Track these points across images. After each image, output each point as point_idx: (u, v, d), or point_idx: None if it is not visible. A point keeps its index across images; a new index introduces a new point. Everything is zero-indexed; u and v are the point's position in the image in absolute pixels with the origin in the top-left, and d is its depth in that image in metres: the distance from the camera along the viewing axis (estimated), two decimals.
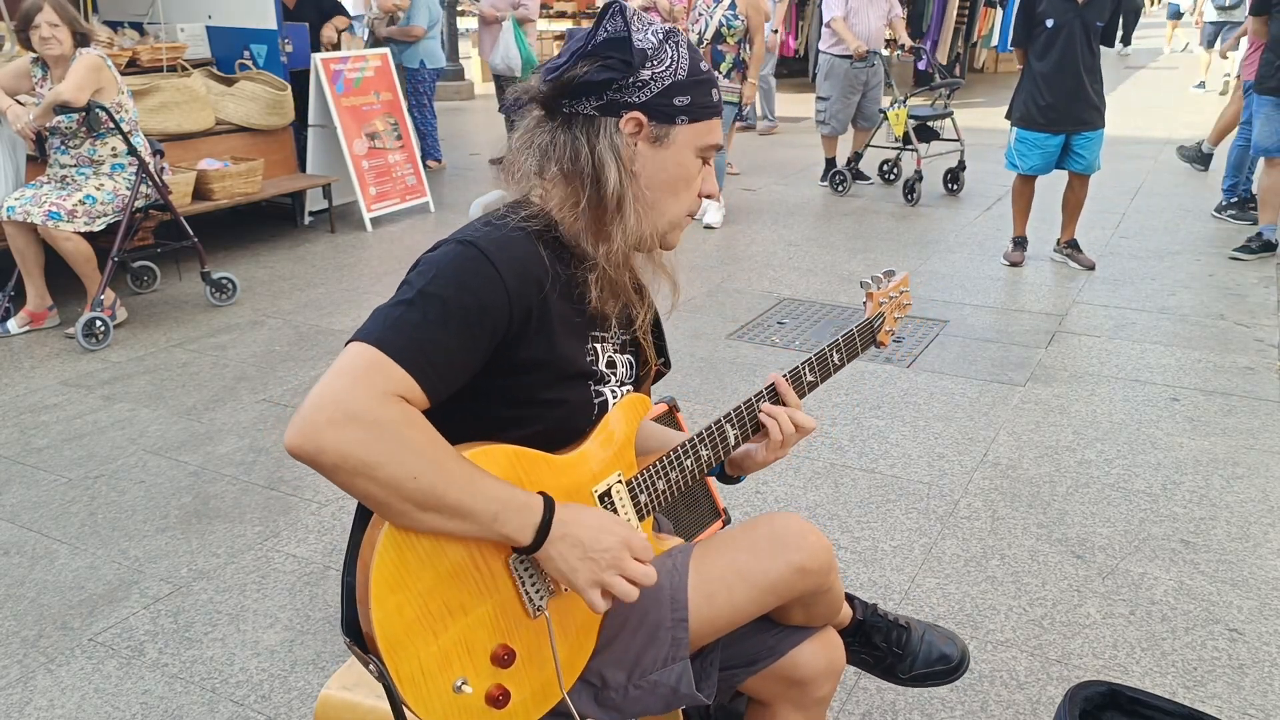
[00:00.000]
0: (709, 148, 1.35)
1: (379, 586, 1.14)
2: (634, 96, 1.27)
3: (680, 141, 1.31)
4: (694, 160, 1.34)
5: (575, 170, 1.28)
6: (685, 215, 1.38)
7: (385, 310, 1.17)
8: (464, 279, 1.18)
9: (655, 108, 1.28)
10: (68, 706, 2.19)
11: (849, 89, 7.08)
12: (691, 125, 1.31)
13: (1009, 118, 5.39)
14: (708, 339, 4.41)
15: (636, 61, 1.26)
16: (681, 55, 1.29)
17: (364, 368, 1.10)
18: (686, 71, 1.29)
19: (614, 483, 1.36)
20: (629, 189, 1.29)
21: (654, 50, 1.27)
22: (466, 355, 1.18)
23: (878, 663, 1.71)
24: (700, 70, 1.31)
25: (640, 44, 1.27)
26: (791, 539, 1.40)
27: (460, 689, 1.20)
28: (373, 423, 1.07)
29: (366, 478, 1.08)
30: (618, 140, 1.28)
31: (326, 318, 4.74)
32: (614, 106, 1.27)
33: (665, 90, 1.28)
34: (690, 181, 1.35)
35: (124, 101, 4.40)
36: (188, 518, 2.97)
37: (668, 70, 1.28)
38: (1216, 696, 2.20)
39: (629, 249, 1.32)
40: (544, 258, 1.25)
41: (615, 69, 1.26)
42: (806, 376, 1.54)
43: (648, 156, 1.30)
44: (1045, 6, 5.02)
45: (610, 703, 1.36)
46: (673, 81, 1.28)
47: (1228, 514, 2.95)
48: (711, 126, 1.34)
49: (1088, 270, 5.36)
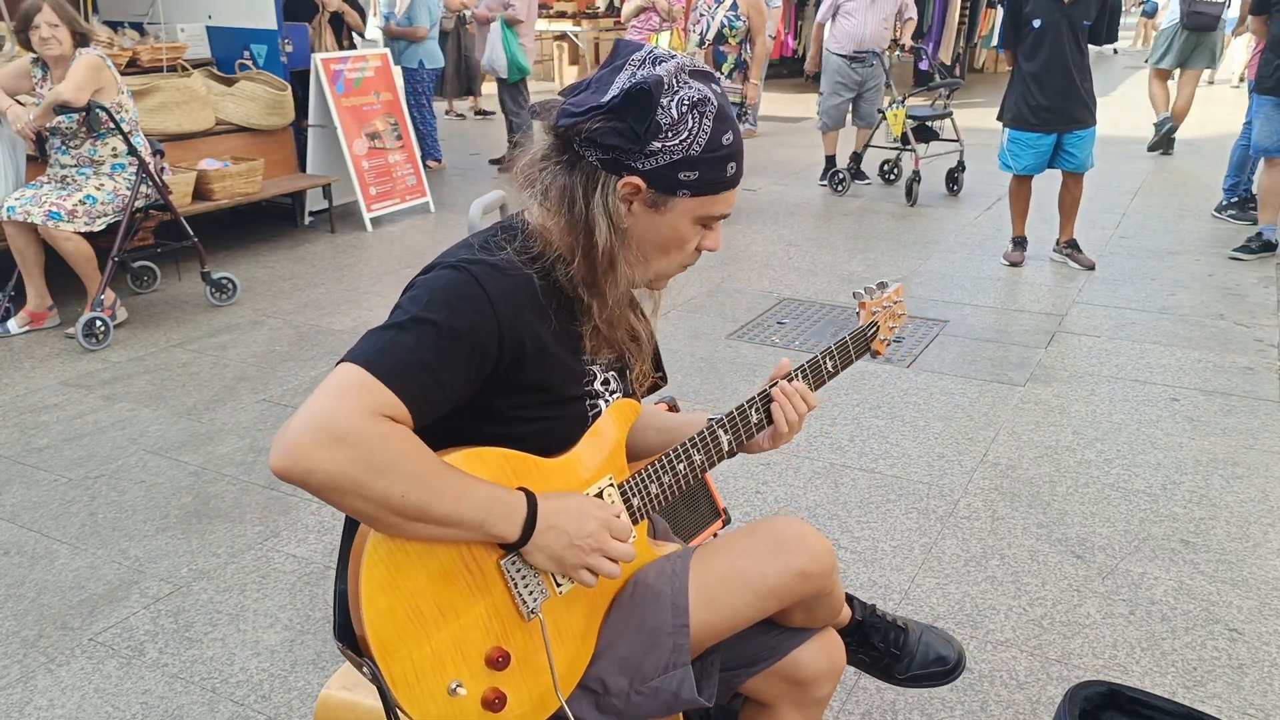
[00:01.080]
0: (712, 217, 1.33)
1: (369, 587, 1.14)
2: (639, 163, 1.25)
3: (679, 210, 1.29)
4: (690, 227, 1.32)
5: (571, 218, 1.28)
6: (679, 269, 1.37)
7: (376, 333, 1.17)
8: (457, 305, 1.18)
9: (658, 177, 1.26)
10: (68, 706, 2.19)
11: (841, 85, 7.18)
12: (694, 199, 1.28)
13: (1000, 119, 5.41)
14: (708, 339, 4.41)
15: (648, 135, 1.23)
16: (703, 129, 1.25)
17: (351, 388, 1.11)
18: (702, 147, 1.25)
19: (605, 486, 1.36)
20: (619, 250, 1.28)
21: (671, 124, 1.23)
22: (455, 381, 1.18)
23: (875, 663, 1.72)
24: (720, 145, 1.26)
25: (660, 116, 1.23)
26: (792, 543, 1.40)
27: (455, 692, 1.20)
28: (359, 442, 1.08)
29: (356, 495, 1.09)
30: (611, 200, 1.26)
31: (326, 318, 4.74)
32: (617, 166, 1.26)
33: (672, 164, 1.25)
34: (684, 244, 1.34)
35: (124, 101, 4.40)
36: (188, 518, 2.97)
37: (680, 144, 1.24)
38: (1216, 696, 2.20)
39: (621, 305, 1.33)
40: (537, 286, 1.26)
41: (625, 135, 1.23)
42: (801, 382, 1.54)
43: (641, 217, 1.29)
44: (1031, 7, 5.03)
45: (611, 709, 1.36)
46: (683, 156, 1.25)
47: (1228, 514, 2.95)
48: (718, 200, 1.31)
49: (1088, 270, 5.36)
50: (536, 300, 1.26)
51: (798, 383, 1.51)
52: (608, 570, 1.26)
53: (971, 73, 14.21)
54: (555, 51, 13.73)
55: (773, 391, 1.49)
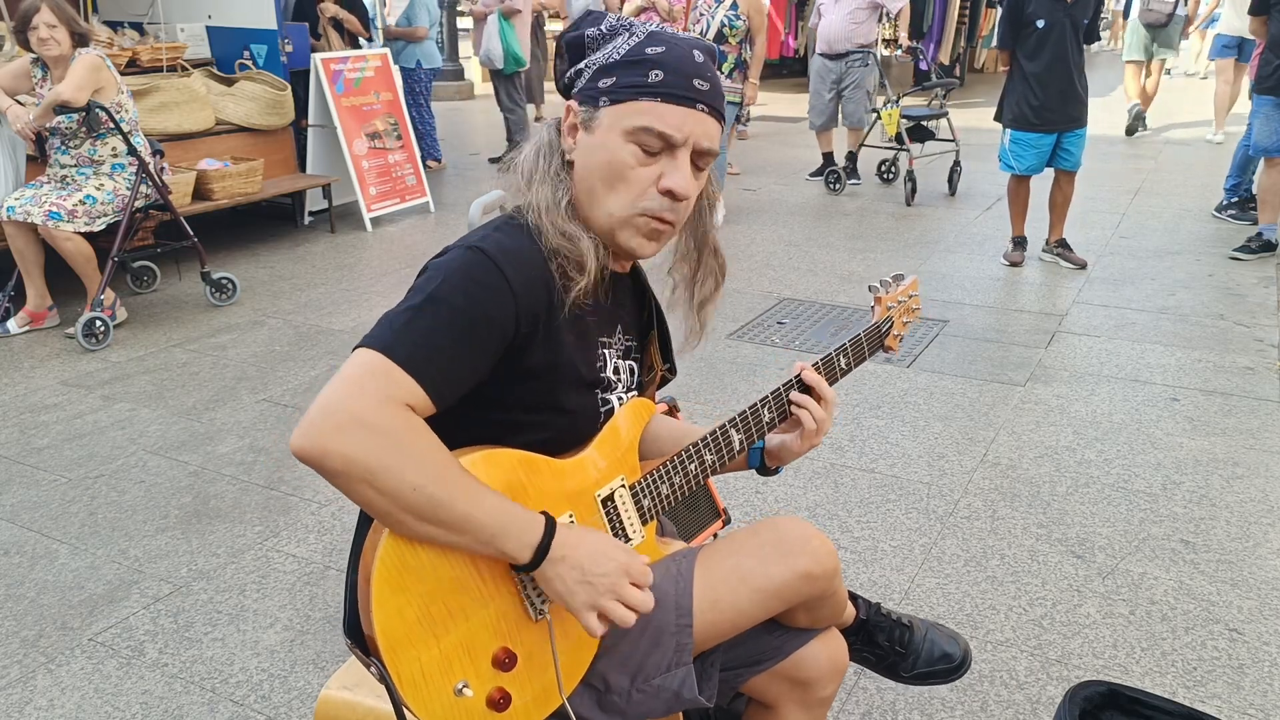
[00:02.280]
0: (640, 129, 1.22)
1: (380, 588, 1.14)
2: (575, 86, 1.29)
3: (605, 124, 1.25)
4: (623, 145, 1.23)
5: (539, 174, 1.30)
6: (634, 212, 1.26)
7: (392, 316, 1.17)
8: (471, 286, 1.18)
9: (583, 93, 1.28)
10: (68, 706, 2.19)
11: (821, 84, 7.28)
12: (614, 107, 1.23)
13: (998, 119, 5.40)
14: (708, 339, 4.40)
15: (577, 56, 1.26)
16: (629, 42, 1.25)
17: (370, 373, 1.11)
18: (622, 55, 1.24)
19: (617, 487, 1.36)
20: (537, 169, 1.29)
21: (597, 38, 1.26)
22: (473, 362, 1.18)
23: (880, 661, 1.71)
24: (643, 54, 1.23)
25: (590, 37, 1.27)
26: (796, 544, 1.39)
27: (461, 692, 1.20)
28: (377, 429, 1.07)
29: (369, 484, 1.08)
30: (550, 132, 1.29)
31: (326, 318, 4.74)
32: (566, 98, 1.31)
33: (593, 75, 1.26)
34: (623, 171, 1.24)
35: (124, 101, 4.40)
36: (188, 518, 2.97)
37: (602, 54, 1.26)
38: (1216, 696, 2.20)
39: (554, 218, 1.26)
40: (550, 265, 1.25)
41: (568, 62, 1.29)
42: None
43: (581, 145, 1.29)
44: (1034, 7, 5.03)
45: (613, 707, 1.36)
46: (602, 64, 1.25)
47: (1228, 514, 2.95)
48: (643, 109, 1.22)
49: (1080, 269, 5.36)
50: (549, 277, 1.25)
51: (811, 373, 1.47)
52: (620, 616, 1.19)
53: (971, 73, 14.21)
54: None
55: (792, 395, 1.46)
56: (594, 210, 1.28)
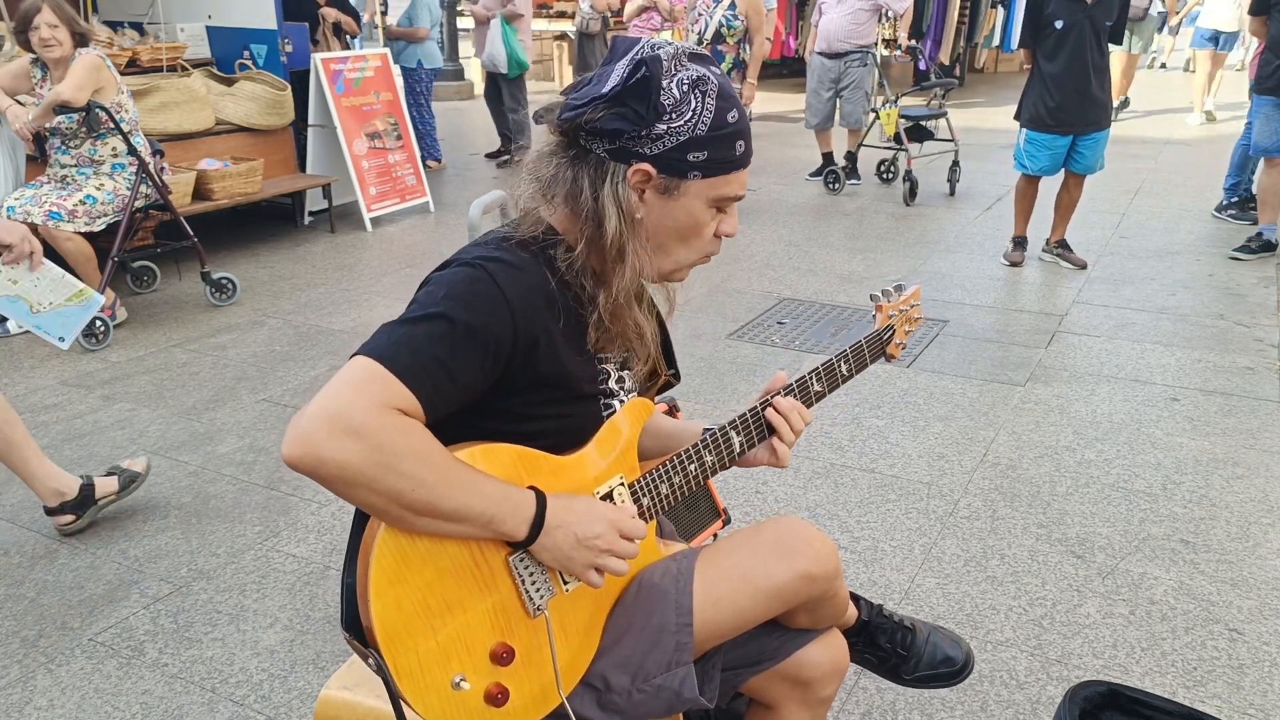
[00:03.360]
0: (726, 199, 1.31)
1: (378, 580, 1.14)
2: (647, 148, 1.24)
3: (691, 194, 1.28)
4: (705, 210, 1.30)
5: (578, 209, 1.27)
6: (700, 256, 1.36)
7: (391, 327, 1.17)
8: (471, 301, 1.18)
9: (667, 161, 1.25)
10: (68, 706, 2.19)
11: (819, 84, 7.26)
12: (705, 180, 1.27)
13: (1018, 118, 5.38)
14: (708, 339, 4.41)
15: (651, 117, 1.22)
16: (706, 107, 1.24)
17: (365, 381, 1.11)
18: (708, 126, 1.25)
19: (616, 485, 1.36)
20: (629, 240, 1.27)
21: (674, 104, 1.23)
22: (469, 377, 1.18)
23: (882, 663, 1.71)
24: (726, 123, 1.26)
25: (663, 97, 1.23)
26: (797, 545, 1.40)
27: (459, 685, 1.20)
28: (371, 434, 1.08)
29: (366, 488, 1.09)
30: (622, 189, 1.25)
31: (326, 318, 4.74)
32: (625, 154, 1.25)
33: (680, 145, 1.24)
34: (701, 229, 1.32)
35: (124, 101, 4.40)
36: (187, 518, 2.97)
37: (686, 125, 1.24)
38: (1216, 696, 2.20)
39: (628, 297, 1.31)
40: (551, 283, 1.26)
41: (629, 119, 1.23)
42: (814, 386, 1.54)
43: (655, 205, 1.29)
44: (1054, 7, 5.00)
45: (613, 706, 1.36)
46: (690, 137, 1.24)
47: (1228, 514, 2.95)
48: (730, 180, 1.30)
49: (1080, 269, 5.36)
50: (550, 296, 1.25)
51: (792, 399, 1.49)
52: (615, 568, 1.26)
53: (971, 73, 14.21)
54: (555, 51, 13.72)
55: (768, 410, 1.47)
56: (662, 261, 1.34)
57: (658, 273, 1.35)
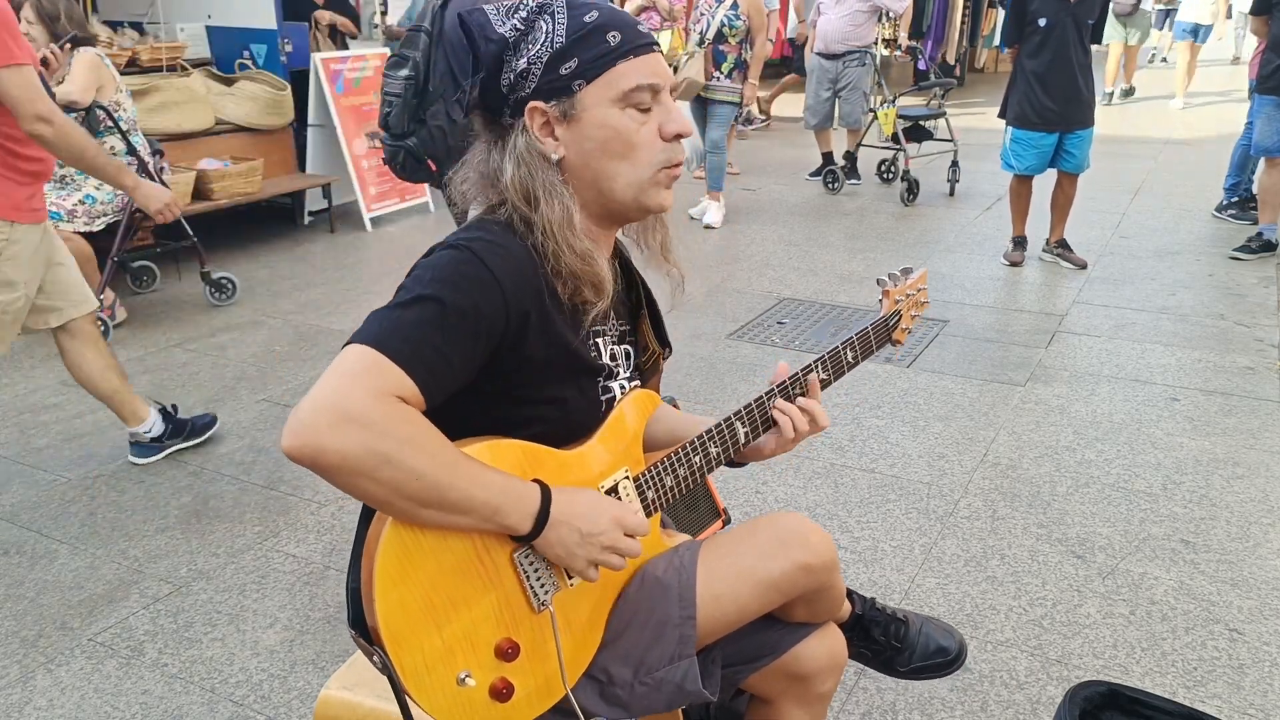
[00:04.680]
0: (633, 91, 1.25)
1: (383, 579, 1.14)
2: (524, 89, 1.25)
3: (590, 104, 1.25)
4: (620, 116, 1.26)
5: (496, 186, 1.29)
6: (656, 170, 1.29)
7: (382, 313, 1.17)
8: (460, 282, 1.18)
9: (546, 88, 1.25)
10: (67, 706, 2.19)
11: (818, 84, 7.27)
12: (592, 84, 1.24)
13: (1003, 117, 5.40)
14: (708, 339, 4.41)
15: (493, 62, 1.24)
16: (558, 22, 1.24)
17: (361, 369, 1.10)
18: (565, 35, 1.23)
19: (621, 478, 1.36)
20: (533, 183, 1.25)
21: (520, 35, 1.24)
22: (463, 357, 1.18)
23: (876, 656, 1.72)
24: (584, 24, 1.23)
25: (509, 37, 1.24)
26: (795, 538, 1.40)
27: (464, 682, 1.20)
28: (371, 423, 1.07)
29: (367, 478, 1.08)
30: (524, 140, 1.26)
31: (326, 318, 4.74)
32: (516, 106, 1.26)
33: (547, 66, 1.24)
34: (630, 138, 1.26)
35: (122, 100, 4.40)
36: (187, 518, 2.97)
37: (543, 48, 1.23)
38: (1216, 696, 2.20)
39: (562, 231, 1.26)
40: (536, 259, 1.25)
41: (491, 74, 1.24)
42: (820, 373, 1.53)
43: (568, 138, 1.27)
44: (1037, 5, 5.02)
45: (615, 699, 1.36)
46: (551, 54, 1.23)
47: (1228, 514, 2.95)
48: (623, 72, 1.24)
49: (1080, 269, 5.36)
50: (535, 267, 1.25)
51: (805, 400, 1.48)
52: (616, 565, 1.26)
53: (972, 72, 14.21)
54: None
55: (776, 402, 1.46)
56: (611, 187, 1.29)
57: (620, 201, 1.30)
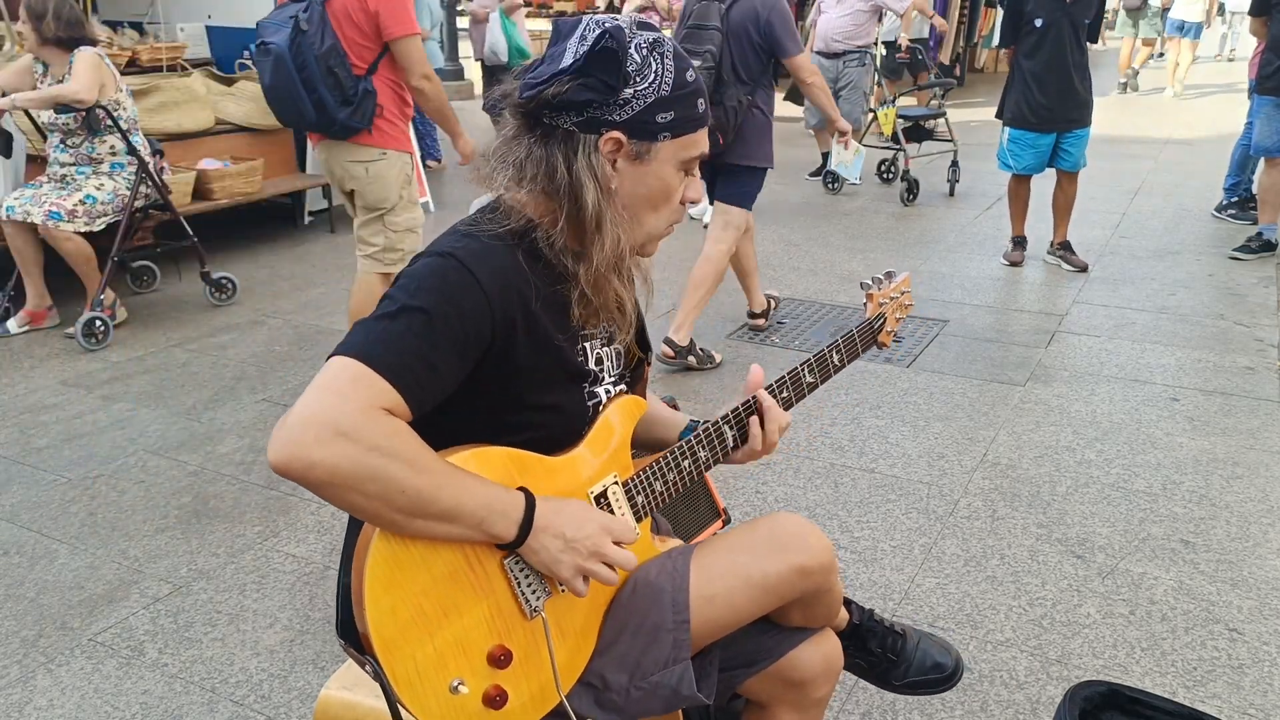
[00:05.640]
0: (692, 160, 1.32)
1: (373, 586, 1.14)
2: (615, 115, 1.24)
3: (662, 157, 1.29)
4: (675, 174, 1.32)
5: (553, 188, 1.26)
6: (667, 225, 1.36)
7: (368, 324, 1.17)
8: (445, 291, 1.18)
9: (637, 125, 1.26)
10: (67, 706, 2.19)
11: None
12: (675, 140, 1.29)
13: (1000, 117, 5.40)
14: (707, 339, 4.41)
15: (620, 84, 1.23)
16: (666, 68, 1.25)
17: (348, 381, 1.10)
18: (671, 86, 1.26)
19: (610, 484, 1.36)
20: (607, 209, 1.27)
21: (637, 68, 1.24)
22: (450, 366, 1.18)
23: (872, 668, 1.71)
24: (686, 82, 1.27)
25: (626, 65, 1.23)
26: (792, 540, 1.40)
27: (457, 689, 1.20)
28: (359, 437, 1.07)
29: (356, 492, 1.08)
30: (595, 159, 1.25)
31: (326, 318, 4.74)
32: (594, 124, 1.25)
33: (648, 108, 1.25)
34: (670, 195, 1.33)
35: (122, 99, 4.40)
36: (187, 518, 2.97)
37: (651, 87, 1.24)
38: (1216, 696, 2.20)
39: (609, 268, 1.30)
40: (524, 266, 1.25)
41: (597, 90, 1.23)
42: (806, 377, 1.54)
43: (627, 173, 1.29)
44: (1033, 6, 5.02)
45: (611, 704, 1.36)
46: (656, 99, 1.25)
47: (1228, 514, 2.95)
48: (695, 139, 1.31)
49: (1081, 272, 5.36)
50: (523, 275, 1.25)
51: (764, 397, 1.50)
52: (604, 576, 1.24)
53: (971, 72, 14.20)
54: None
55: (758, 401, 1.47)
56: (634, 231, 1.34)
57: (631, 244, 1.34)
